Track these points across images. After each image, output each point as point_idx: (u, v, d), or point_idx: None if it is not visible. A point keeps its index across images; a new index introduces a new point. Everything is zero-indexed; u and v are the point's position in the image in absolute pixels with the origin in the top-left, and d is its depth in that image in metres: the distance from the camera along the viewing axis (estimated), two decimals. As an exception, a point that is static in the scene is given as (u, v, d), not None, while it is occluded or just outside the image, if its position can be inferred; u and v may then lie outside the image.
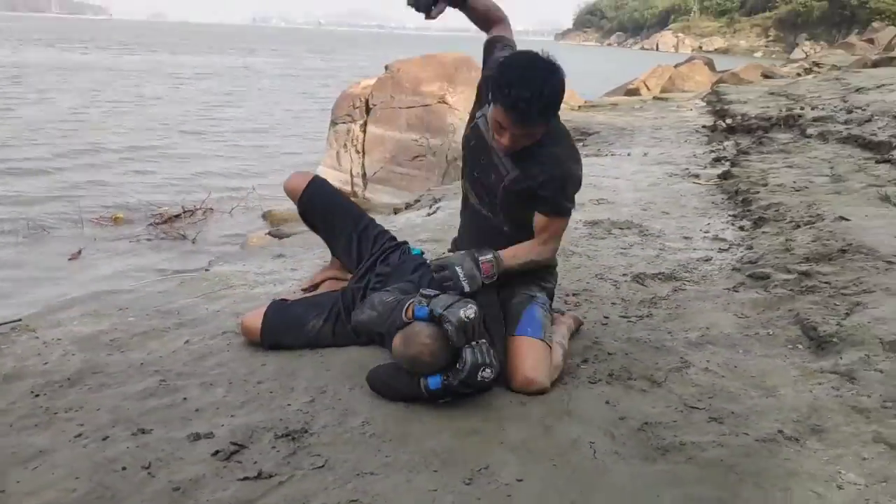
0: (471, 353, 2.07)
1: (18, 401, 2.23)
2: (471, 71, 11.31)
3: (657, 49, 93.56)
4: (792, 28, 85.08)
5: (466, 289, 2.22)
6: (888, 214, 3.51)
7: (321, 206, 2.74)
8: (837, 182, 4.27)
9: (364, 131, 11.32)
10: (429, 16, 2.47)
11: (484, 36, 2.61)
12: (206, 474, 1.86)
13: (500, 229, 2.51)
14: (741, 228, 3.95)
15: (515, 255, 2.41)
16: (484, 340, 2.11)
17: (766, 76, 17.44)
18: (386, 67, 11.81)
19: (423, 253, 2.76)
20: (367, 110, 11.39)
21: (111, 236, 9.38)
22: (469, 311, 2.07)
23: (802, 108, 6.43)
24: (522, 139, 2.29)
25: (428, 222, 4.59)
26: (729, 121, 7.89)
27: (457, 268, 2.23)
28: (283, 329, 2.57)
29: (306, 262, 3.61)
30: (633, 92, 18.40)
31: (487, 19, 2.58)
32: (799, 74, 17.34)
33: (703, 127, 8.55)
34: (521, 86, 2.17)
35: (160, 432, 2.06)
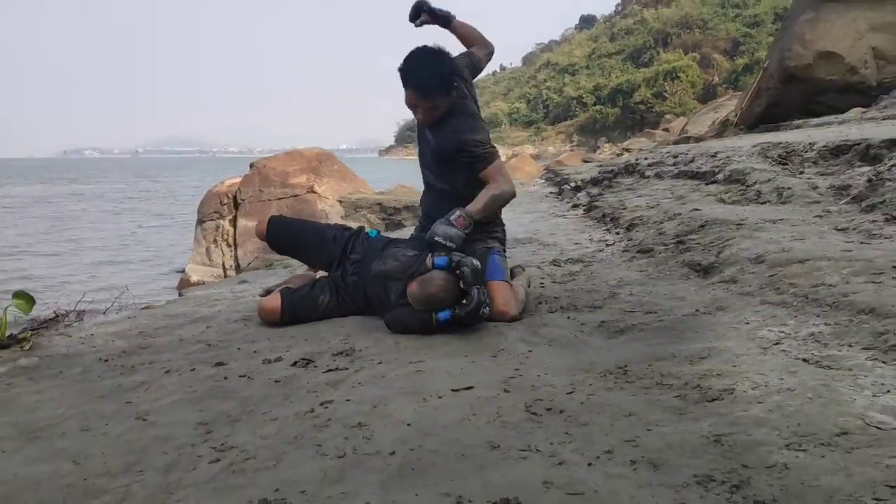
0: (477, 293, 2.72)
1: (92, 365, 2.61)
2: (333, 164, 12.12)
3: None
4: (591, 133, 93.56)
5: (451, 245, 2.87)
6: (726, 208, 4.56)
7: (285, 234, 3.36)
8: (680, 199, 5.35)
9: (234, 225, 11.71)
10: (415, 25, 3.31)
11: None
12: (296, 374, 2.37)
13: (449, 192, 3.21)
14: (617, 233, 4.89)
15: (476, 201, 3.04)
16: (484, 288, 2.79)
17: (585, 161, 19.73)
18: (251, 165, 12.37)
19: (379, 232, 3.40)
20: (236, 206, 11.82)
21: None
22: (477, 262, 2.75)
23: (637, 160, 7.73)
24: (432, 111, 3.05)
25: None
26: (573, 184, 9.14)
27: (435, 238, 2.87)
28: (301, 305, 3.09)
29: (271, 281, 4.10)
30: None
31: (467, 41, 3.46)
32: (613, 157, 19.72)
33: (551, 193, 9.79)
34: (418, 68, 2.96)
35: (235, 364, 2.52)
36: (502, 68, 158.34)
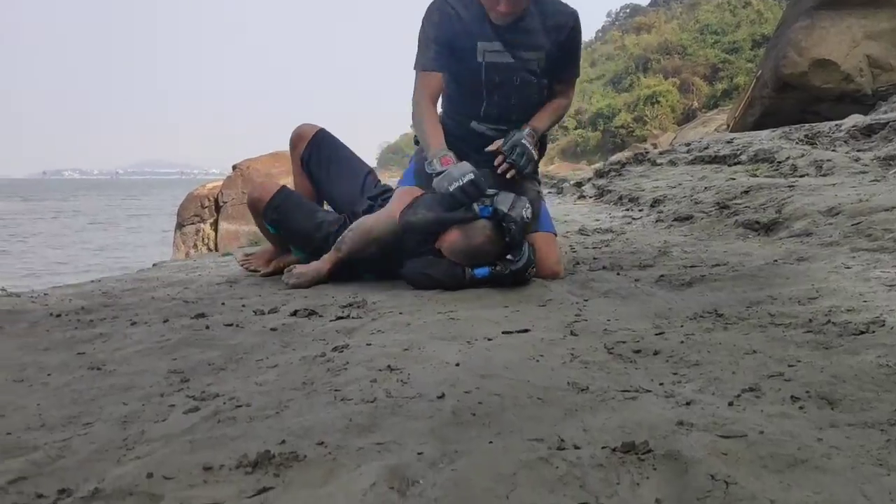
0: (529, 250, 2.27)
1: (41, 321, 2.09)
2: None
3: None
4: (573, 156, 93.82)
5: (536, 156, 2.49)
6: (764, 179, 4.13)
7: (329, 144, 2.85)
8: (703, 180, 4.92)
9: (215, 229, 11.17)
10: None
11: None
12: (298, 322, 1.87)
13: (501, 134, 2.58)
14: (640, 210, 4.44)
15: (540, 119, 2.58)
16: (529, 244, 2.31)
17: (576, 170, 19.41)
18: (234, 167, 11.85)
19: None
20: (217, 209, 11.29)
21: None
22: (527, 211, 2.25)
23: (647, 150, 7.32)
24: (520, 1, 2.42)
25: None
26: (573, 182, 8.71)
27: (523, 141, 2.42)
28: (295, 202, 2.63)
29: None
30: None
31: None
32: (604, 171, 19.41)
33: (549, 192, 9.36)
34: None
35: (218, 317, 2.02)
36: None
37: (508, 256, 2.24)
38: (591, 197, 6.41)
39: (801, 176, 4.19)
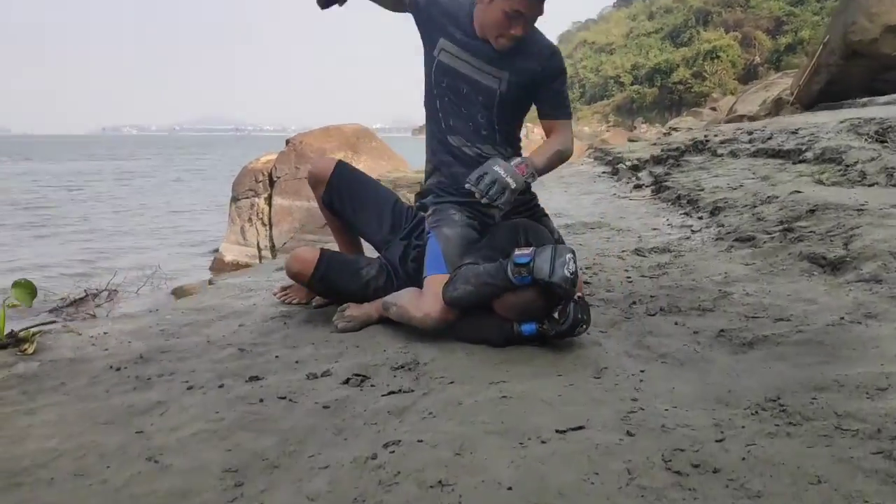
0: (574, 309, 2.14)
1: (101, 375, 2.14)
2: (371, 141, 11.63)
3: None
4: (628, 113, 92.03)
5: (513, 185, 2.26)
6: (831, 191, 3.97)
7: (347, 185, 2.76)
8: (766, 180, 4.76)
9: (269, 204, 11.30)
10: (340, 4, 2.48)
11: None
12: (350, 395, 1.87)
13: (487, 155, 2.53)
14: (700, 218, 4.32)
15: (539, 153, 2.48)
16: (581, 295, 2.22)
17: (631, 140, 18.84)
18: (287, 142, 11.92)
19: None
20: (271, 183, 11.40)
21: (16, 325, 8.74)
22: (570, 264, 2.12)
23: (707, 137, 7.10)
24: (532, 24, 2.37)
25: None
26: (629, 163, 8.52)
27: (494, 168, 2.27)
28: (337, 266, 2.58)
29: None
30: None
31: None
32: (661, 136, 18.83)
33: (604, 173, 9.17)
34: None
35: (274, 378, 2.04)
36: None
37: (555, 315, 2.18)
38: (647, 186, 6.27)
39: (871, 185, 4.01)
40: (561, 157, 2.55)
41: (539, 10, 2.34)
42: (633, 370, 1.97)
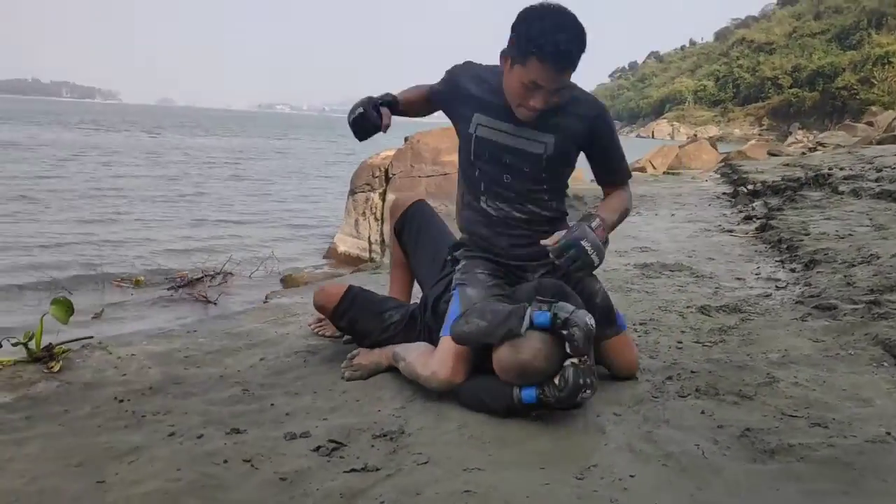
0: (573, 373, 1.99)
1: (103, 405, 2.20)
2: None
3: (653, 136, 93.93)
4: (785, 117, 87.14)
5: (596, 263, 2.11)
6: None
7: (420, 219, 2.76)
8: (881, 230, 4.30)
9: (383, 199, 11.46)
10: (383, 130, 2.47)
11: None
12: (312, 467, 1.82)
13: (526, 220, 2.43)
14: (792, 270, 3.96)
15: (610, 209, 2.35)
16: (587, 358, 2.04)
17: (771, 154, 17.73)
18: (405, 139, 12.03)
19: None
20: (387, 179, 11.56)
21: (133, 299, 9.34)
22: (591, 319, 2.01)
23: (831, 170, 6.53)
24: (554, 96, 2.19)
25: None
26: (750, 186, 8.00)
27: (582, 243, 2.09)
28: (361, 305, 2.55)
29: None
30: (639, 170, 18.63)
31: (422, 105, 2.61)
32: (804, 153, 17.61)
33: (724, 194, 8.67)
34: (560, 30, 2.08)
35: (255, 432, 2.02)
36: (692, 43, 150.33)
37: (555, 381, 2.02)
38: (756, 219, 5.85)
39: None
40: (627, 216, 2.47)
41: (557, 83, 2.15)
42: (622, 473, 1.80)
